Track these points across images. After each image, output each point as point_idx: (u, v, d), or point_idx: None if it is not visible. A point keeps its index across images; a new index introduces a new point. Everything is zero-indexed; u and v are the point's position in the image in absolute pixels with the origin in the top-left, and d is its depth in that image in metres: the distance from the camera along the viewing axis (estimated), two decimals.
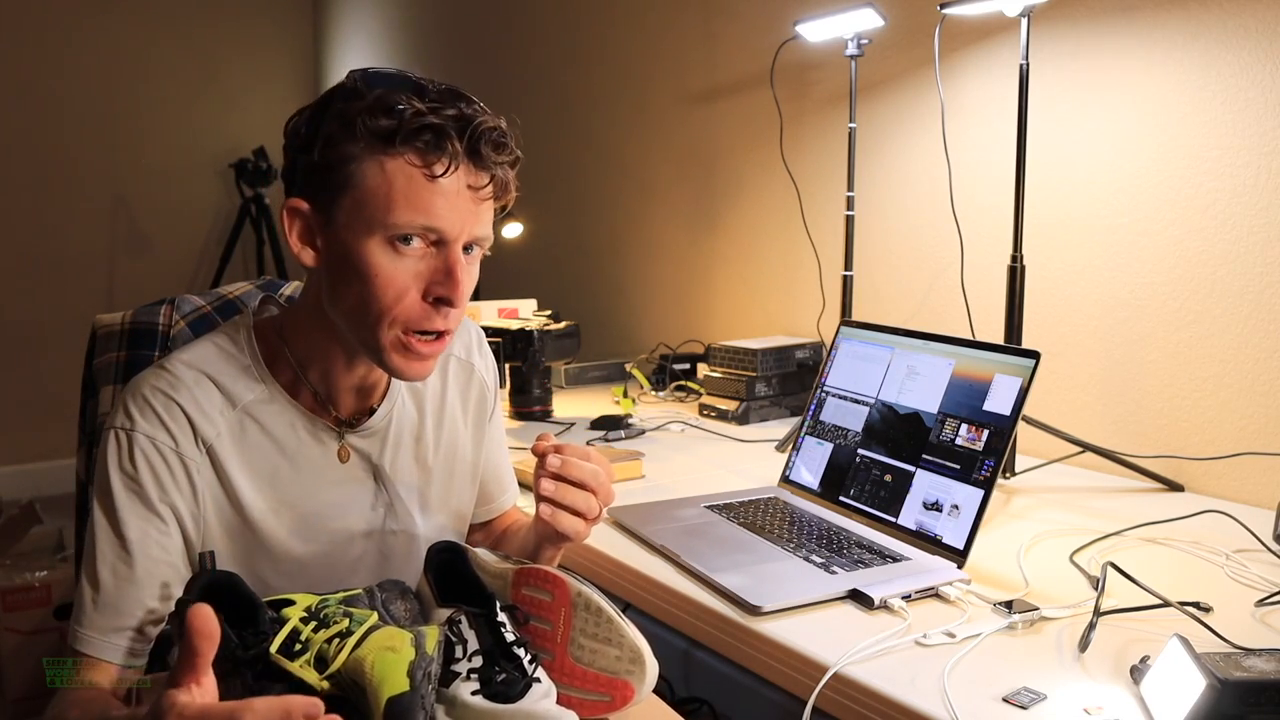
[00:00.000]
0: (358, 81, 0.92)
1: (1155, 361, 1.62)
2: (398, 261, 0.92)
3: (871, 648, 0.99)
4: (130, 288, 4.24)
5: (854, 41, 1.87)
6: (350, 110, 0.90)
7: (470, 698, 0.82)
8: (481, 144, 0.91)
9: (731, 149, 2.51)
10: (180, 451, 0.97)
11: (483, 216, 0.95)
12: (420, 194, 0.90)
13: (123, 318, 1.29)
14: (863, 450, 1.43)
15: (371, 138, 0.89)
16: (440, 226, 0.91)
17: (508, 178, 0.95)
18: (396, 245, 0.91)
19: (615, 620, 0.89)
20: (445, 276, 0.92)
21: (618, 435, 1.93)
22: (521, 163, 0.97)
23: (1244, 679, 0.81)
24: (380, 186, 0.90)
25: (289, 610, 0.85)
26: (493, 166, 0.92)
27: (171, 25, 4.29)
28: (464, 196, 0.91)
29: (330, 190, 0.92)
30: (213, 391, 0.99)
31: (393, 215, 0.90)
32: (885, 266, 2.09)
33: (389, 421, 1.09)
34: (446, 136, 0.89)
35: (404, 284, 0.92)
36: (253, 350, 1.02)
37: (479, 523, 1.27)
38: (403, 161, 0.89)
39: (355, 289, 0.93)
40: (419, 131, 0.89)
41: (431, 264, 0.93)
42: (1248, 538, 1.29)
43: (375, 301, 0.92)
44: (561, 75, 3.19)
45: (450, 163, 0.89)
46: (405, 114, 0.89)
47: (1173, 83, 1.57)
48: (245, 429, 1.00)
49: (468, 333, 1.20)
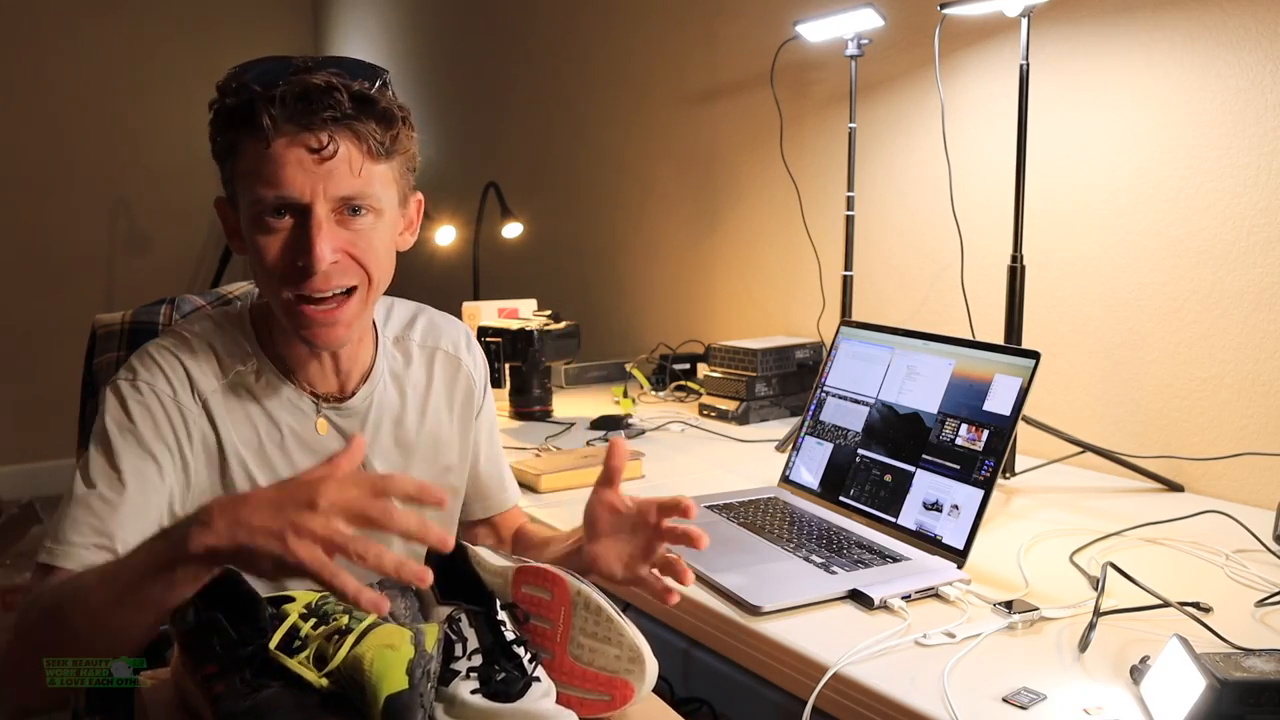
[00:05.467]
0: (228, 72, 0.96)
1: (1155, 361, 1.62)
2: (270, 236, 0.96)
3: (871, 648, 0.99)
4: (130, 288, 4.24)
5: (854, 41, 1.87)
6: (215, 106, 0.97)
7: (470, 696, 0.82)
8: (300, 108, 0.92)
9: (731, 149, 2.51)
10: (178, 400, 1.02)
11: (339, 176, 0.95)
12: (262, 168, 0.94)
13: (123, 318, 1.30)
14: (863, 450, 1.43)
15: (224, 126, 0.96)
16: (285, 194, 0.94)
17: (365, 129, 0.96)
18: (265, 221, 0.96)
19: (615, 619, 0.89)
20: (301, 242, 0.95)
21: (618, 435, 1.93)
22: (382, 108, 0.96)
23: (1244, 679, 0.81)
24: (241, 169, 0.96)
25: (289, 607, 0.85)
26: (323, 124, 0.93)
27: (172, 25, 4.29)
28: (306, 161, 0.94)
29: (228, 184, 1.00)
30: (210, 358, 1.05)
31: (250, 194, 0.95)
32: (885, 266, 2.09)
33: (369, 404, 1.12)
34: (261, 110, 0.92)
35: (276, 256, 0.97)
36: (246, 329, 1.08)
37: (481, 519, 1.28)
38: (246, 142, 0.94)
39: (255, 270, 1.01)
40: (245, 112, 0.93)
41: (296, 234, 0.96)
42: (1248, 538, 1.29)
43: (262, 277, 1.00)
44: (562, 75, 3.19)
45: (268, 135, 0.92)
46: (235, 96, 0.94)
47: (1173, 83, 1.57)
48: (237, 396, 1.05)
49: (456, 330, 1.22)
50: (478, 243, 3.32)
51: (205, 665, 0.81)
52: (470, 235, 3.34)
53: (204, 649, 0.81)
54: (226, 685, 0.79)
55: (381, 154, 0.98)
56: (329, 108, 0.93)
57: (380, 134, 0.97)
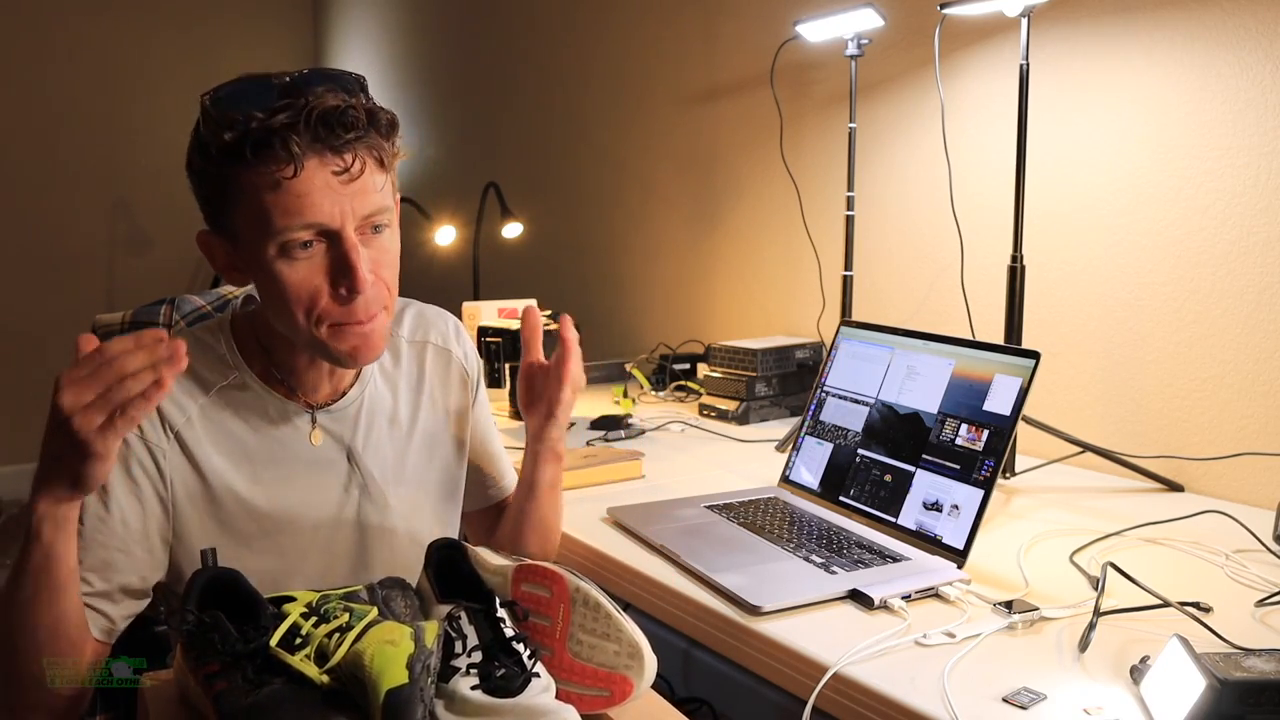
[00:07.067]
0: (206, 103, 0.92)
1: (1155, 361, 1.62)
2: (297, 266, 0.94)
3: (871, 648, 0.99)
4: (130, 288, 4.24)
5: (854, 41, 1.87)
6: (206, 136, 0.92)
7: (470, 692, 0.82)
8: (323, 131, 0.90)
9: (731, 149, 2.51)
10: (145, 439, 1.00)
11: (363, 194, 0.94)
12: (285, 199, 0.91)
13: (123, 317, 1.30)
14: (863, 450, 1.43)
15: (225, 158, 0.91)
16: (317, 221, 0.92)
17: (376, 143, 0.95)
18: (290, 251, 0.93)
19: (613, 615, 0.89)
20: (342, 268, 0.94)
21: (618, 435, 1.93)
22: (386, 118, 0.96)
23: (1244, 679, 0.81)
24: (252, 200, 0.92)
25: (289, 606, 0.86)
26: (348, 145, 0.92)
27: (172, 25, 4.29)
28: (331, 185, 0.92)
29: (223, 216, 0.95)
30: (187, 378, 1.03)
31: (272, 225, 0.92)
32: (885, 266, 2.09)
33: (360, 404, 1.11)
34: (285, 139, 0.89)
35: (311, 285, 0.95)
36: (228, 341, 1.06)
37: (488, 507, 1.29)
38: (258, 173, 0.90)
39: (275, 301, 0.97)
40: (259, 143, 0.89)
41: (330, 258, 0.95)
42: (1248, 538, 1.29)
43: (292, 308, 0.96)
44: (561, 75, 3.19)
45: (296, 163, 0.90)
46: (244, 127, 0.89)
47: (1173, 83, 1.57)
48: (219, 412, 1.04)
49: (444, 322, 1.21)
50: (478, 243, 3.32)
51: (207, 664, 0.81)
52: (470, 235, 3.35)
53: (205, 648, 0.82)
54: (228, 683, 0.79)
55: (389, 165, 0.97)
56: (351, 127, 0.91)
57: (387, 145, 0.96)
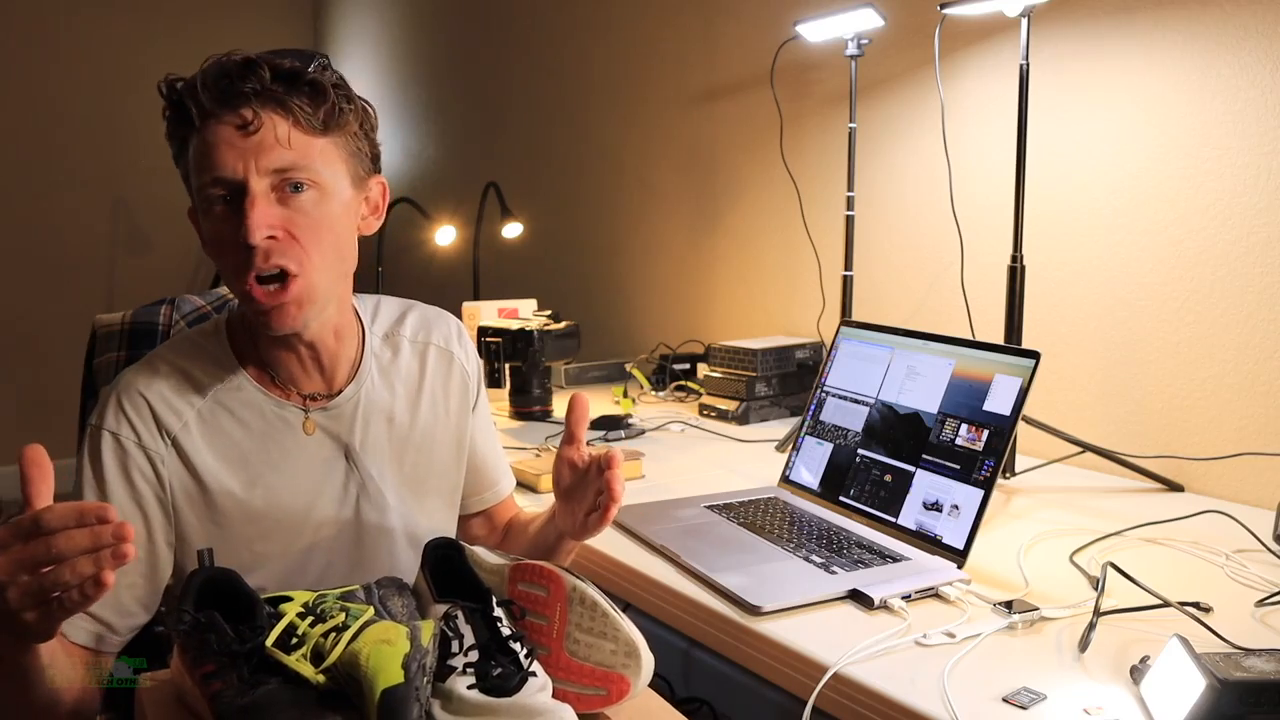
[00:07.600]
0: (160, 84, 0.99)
1: (1155, 361, 1.62)
2: (215, 222, 0.98)
3: (871, 648, 0.99)
4: (130, 288, 4.24)
5: (854, 41, 1.87)
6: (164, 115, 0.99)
7: (466, 691, 0.82)
8: (223, 86, 0.94)
9: (731, 149, 2.51)
10: (143, 444, 1.02)
11: (268, 149, 0.95)
12: (197, 156, 0.97)
13: (123, 318, 1.30)
14: (863, 450, 1.43)
15: (170, 132, 0.99)
16: (220, 174, 0.95)
17: (291, 103, 0.96)
18: (208, 207, 0.97)
19: (610, 614, 0.89)
20: (240, 221, 0.96)
21: (618, 435, 1.93)
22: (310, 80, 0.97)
23: (1244, 679, 0.81)
24: (185, 164, 0.99)
25: (286, 606, 0.85)
26: (244, 100, 0.94)
27: (171, 25, 4.29)
28: (232, 140, 0.95)
29: (189, 191, 1.00)
30: (183, 382, 1.05)
31: (191, 181, 0.98)
32: (885, 266, 2.09)
33: (356, 402, 1.11)
34: (188, 96, 0.95)
35: (221, 238, 0.98)
36: (224, 342, 1.08)
37: (477, 512, 1.28)
38: (181, 137, 0.98)
39: (218, 268, 1.02)
40: (175, 104, 0.97)
41: (233, 212, 0.97)
42: (1248, 538, 1.29)
43: (222, 273, 1.00)
44: (561, 75, 3.19)
45: (197, 118, 0.95)
46: (166, 97, 0.97)
47: (1172, 83, 1.57)
48: (215, 415, 1.05)
49: (447, 324, 1.21)
50: (478, 243, 3.32)
51: (203, 664, 0.81)
52: (470, 235, 3.34)
53: (202, 648, 0.81)
54: (224, 683, 0.79)
55: (316, 128, 0.98)
56: (249, 82, 0.94)
57: (310, 107, 0.97)
